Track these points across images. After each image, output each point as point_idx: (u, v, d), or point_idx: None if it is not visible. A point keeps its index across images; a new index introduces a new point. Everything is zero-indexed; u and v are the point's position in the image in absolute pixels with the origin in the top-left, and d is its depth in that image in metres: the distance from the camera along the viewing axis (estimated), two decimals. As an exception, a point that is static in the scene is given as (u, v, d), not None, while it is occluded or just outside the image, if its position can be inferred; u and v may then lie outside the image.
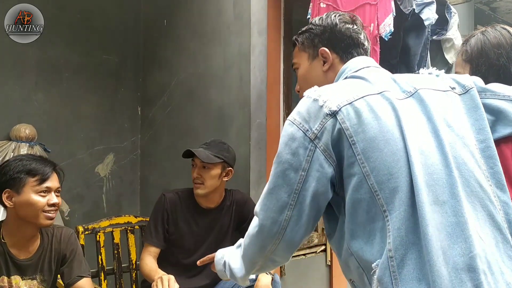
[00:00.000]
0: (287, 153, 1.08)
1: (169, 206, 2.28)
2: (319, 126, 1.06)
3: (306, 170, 1.07)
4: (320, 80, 1.27)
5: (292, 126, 1.09)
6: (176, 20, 3.04)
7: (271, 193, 1.11)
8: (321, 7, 2.45)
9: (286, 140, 1.10)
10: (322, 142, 1.06)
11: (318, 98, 1.09)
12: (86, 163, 3.09)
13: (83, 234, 2.42)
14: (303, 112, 1.10)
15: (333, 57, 1.28)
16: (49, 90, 2.92)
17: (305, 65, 1.32)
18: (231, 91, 2.61)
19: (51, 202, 1.73)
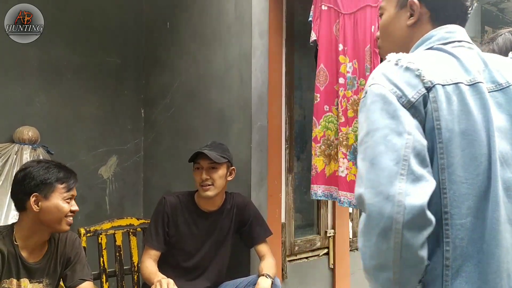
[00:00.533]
0: (384, 117, 0.95)
1: (170, 209, 2.28)
2: (416, 95, 0.96)
3: (411, 134, 0.93)
4: (401, 34, 1.16)
5: (383, 90, 0.97)
6: (177, 21, 3.03)
7: (373, 164, 0.93)
8: (322, 9, 2.43)
9: (380, 104, 0.96)
10: (418, 112, 0.96)
11: (410, 66, 0.99)
12: (89, 165, 3.10)
13: (85, 236, 2.43)
14: (393, 77, 0.98)
15: (423, 12, 1.13)
16: (51, 91, 2.93)
17: (390, 12, 1.18)
18: (231, 93, 2.60)
19: (73, 209, 1.82)
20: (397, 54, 1.03)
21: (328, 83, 2.44)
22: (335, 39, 2.40)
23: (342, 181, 2.37)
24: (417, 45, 1.11)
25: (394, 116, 0.94)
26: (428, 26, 1.12)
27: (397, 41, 1.17)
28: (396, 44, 1.18)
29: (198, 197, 2.33)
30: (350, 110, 2.36)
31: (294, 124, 2.89)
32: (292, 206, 2.86)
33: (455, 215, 0.93)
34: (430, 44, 1.08)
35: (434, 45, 1.07)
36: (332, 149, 2.44)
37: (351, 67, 2.35)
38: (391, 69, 1.00)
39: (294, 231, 2.89)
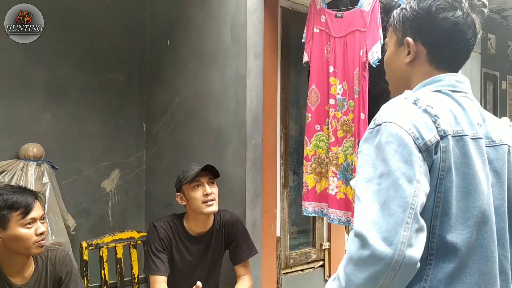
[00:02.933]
0: (398, 160, 0.95)
1: (163, 235, 2.30)
2: (433, 139, 0.98)
3: (420, 182, 0.95)
4: (401, 71, 1.19)
5: (400, 130, 0.98)
6: (178, 40, 3.13)
7: (382, 208, 0.94)
8: (314, 31, 2.52)
9: (394, 145, 0.97)
10: (429, 157, 0.98)
11: (429, 110, 1.00)
12: (92, 179, 3.21)
13: (87, 250, 2.54)
14: (412, 117, 0.99)
15: (420, 51, 1.15)
16: (57, 109, 3.05)
17: (391, 49, 1.22)
18: (228, 112, 2.69)
19: (39, 232, 1.75)
20: (413, 93, 1.05)
21: (320, 103, 2.52)
22: (326, 61, 2.49)
23: (332, 199, 2.45)
24: (424, 84, 1.12)
25: (408, 161, 0.95)
26: (426, 65, 1.14)
27: (398, 76, 1.21)
28: (396, 79, 1.23)
29: (189, 222, 2.35)
30: (340, 131, 2.44)
31: (289, 140, 2.98)
32: (287, 220, 2.95)
33: (439, 259, 0.99)
34: (439, 87, 1.10)
35: (443, 89, 1.10)
36: (323, 167, 2.53)
37: (341, 88, 2.43)
38: (409, 108, 1.01)
39: (289, 244, 2.97)
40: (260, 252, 2.62)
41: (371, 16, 2.28)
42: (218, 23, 2.78)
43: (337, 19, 2.43)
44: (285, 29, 2.90)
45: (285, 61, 2.91)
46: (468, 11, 1.13)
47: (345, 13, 2.40)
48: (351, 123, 2.39)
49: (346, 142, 2.42)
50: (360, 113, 2.33)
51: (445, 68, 1.14)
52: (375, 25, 2.27)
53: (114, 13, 3.32)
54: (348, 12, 2.39)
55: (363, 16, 2.31)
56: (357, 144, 2.34)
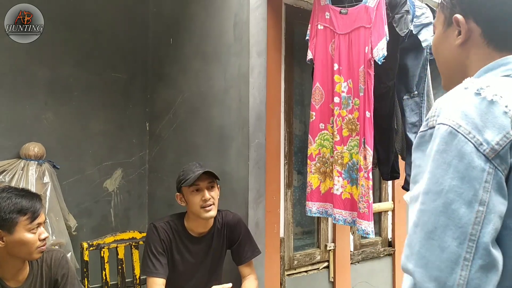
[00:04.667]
0: (451, 177, 0.76)
1: (164, 236, 2.25)
2: (502, 140, 0.76)
3: (485, 204, 0.75)
4: (450, 55, 1.00)
5: (456, 136, 0.77)
6: (181, 39, 3.10)
7: (430, 238, 0.76)
8: (318, 28, 2.47)
9: (448, 156, 0.77)
10: (505, 163, 0.76)
11: (496, 99, 0.79)
12: (94, 179, 3.18)
13: (88, 251, 2.51)
14: (473, 114, 0.78)
15: (472, 29, 0.95)
16: (59, 108, 3.02)
17: (439, 31, 1.04)
18: (231, 111, 2.65)
19: (42, 237, 1.74)
20: (476, 80, 0.85)
21: (324, 101, 2.47)
22: (330, 58, 2.44)
23: (337, 199, 2.40)
24: (487, 69, 0.92)
25: (465, 177, 0.75)
26: (483, 47, 0.95)
27: (449, 63, 1.02)
28: (447, 66, 1.03)
29: (189, 222, 2.30)
30: (345, 129, 2.39)
31: (294, 140, 2.93)
32: (291, 221, 2.90)
33: None
34: (508, 72, 0.90)
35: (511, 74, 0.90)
36: (328, 166, 2.48)
37: (346, 86, 2.38)
38: (470, 101, 0.80)
39: (293, 245, 2.93)
40: (263, 253, 2.57)
41: (376, 12, 2.23)
42: (221, 20, 2.74)
43: (341, 16, 2.38)
44: (289, 27, 2.85)
45: (289, 59, 2.87)
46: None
47: (349, 9, 2.36)
48: (356, 121, 2.34)
49: (351, 141, 2.37)
50: (365, 111, 2.29)
51: (508, 48, 0.93)
52: (380, 21, 2.22)
53: (117, 11, 3.29)
54: (353, 8, 2.34)
55: (368, 12, 2.26)
56: (362, 143, 2.29)
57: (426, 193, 0.79)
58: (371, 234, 2.22)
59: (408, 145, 2.49)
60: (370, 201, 2.24)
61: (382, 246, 3.58)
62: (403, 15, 2.28)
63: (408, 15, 2.28)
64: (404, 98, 2.49)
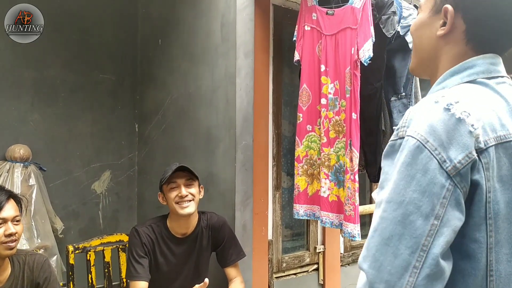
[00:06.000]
0: (413, 189, 0.79)
1: (146, 240, 2.24)
2: (464, 159, 0.79)
3: (440, 218, 0.78)
4: (428, 44, 0.98)
5: (423, 151, 0.80)
6: (169, 39, 3.08)
7: (386, 244, 0.80)
8: (305, 29, 2.45)
9: (413, 169, 0.80)
10: (464, 182, 0.79)
11: (464, 118, 0.80)
12: (82, 181, 3.16)
13: (73, 254, 2.48)
14: (440, 130, 0.80)
15: (458, 25, 0.94)
16: (45, 110, 3.00)
17: (424, 15, 1.00)
18: (218, 112, 2.63)
19: (7, 233, 1.71)
20: (445, 94, 0.84)
21: (311, 103, 2.45)
22: (317, 59, 2.42)
23: (324, 201, 2.38)
24: (453, 72, 0.93)
25: (426, 191, 0.78)
26: (461, 44, 0.94)
27: (425, 50, 1.00)
28: (421, 52, 1.02)
29: (172, 222, 2.30)
30: (332, 131, 2.37)
31: (283, 141, 2.91)
32: (280, 223, 2.88)
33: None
34: (473, 76, 0.91)
35: (477, 78, 0.91)
36: (315, 168, 2.46)
37: (332, 88, 2.36)
38: (439, 116, 0.81)
39: (282, 247, 2.90)
40: (250, 256, 2.55)
41: (362, 13, 2.21)
42: (208, 20, 2.72)
43: (328, 17, 2.36)
44: (277, 27, 2.83)
45: (278, 59, 2.84)
46: None
47: (336, 10, 2.34)
48: (343, 123, 2.32)
49: (338, 142, 2.35)
50: (352, 113, 2.27)
51: (484, 50, 0.94)
52: (367, 22, 2.20)
53: (105, 11, 3.27)
54: (339, 9, 2.32)
55: (354, 13, 2.24)
56: (348, 145, 2.27)
57: (388, 202, 0.82)
58: (357, 237, 2.20)
59: (396, 147, 2.47)
60: (356, 203, 2.22)
61: (373, 248, 3.55)
62: (390, 16, 2.26)
63: (395, 16, 2.26)
64: (391, 99, 2.47)
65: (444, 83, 0.94)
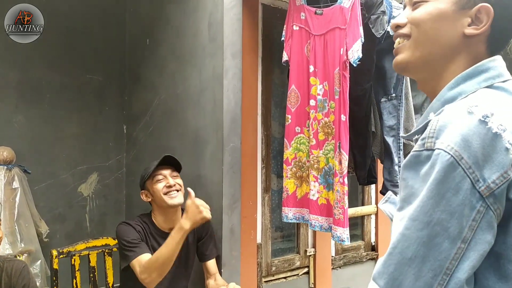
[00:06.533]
0: (442, 210, 0.73)
1: (139, 228, 2.22)
2: (499, 179, 0.73)
3: (467, 242, 0.73)
4: (448, 41, 0.88)
5: (456, 168, 0.73)
6: (157, 39, 3.02)
7: (407, 264, 0.75)
8: (294, 29, 2.41)
9: (443, 188, 0.73)
10: (499, 203, 0.73)
11: (501, 132, 0.73)
12: (68, 183, 3.10)
13: (57, 258, 2.42)
14: (476, 146, 0.73)
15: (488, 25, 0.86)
16: (30, 111, 2.94)
17: (446, 5, 0.88)
18: (206, 114, 2.58)
19: None
20: (477, 101, 0.78)
21: (300, 104, 2.41)
22: (306, 60, 2.38)
23: (313, 204, 2.34)
24: (468, 75, 0.85)
25: (455, 213, 0.73)
26: (483, 46, 0.88)
27: (438, 45, 0.89)
28: (432, 49, 0.90)
29: (157, 218, 2.30)
30: (321, 133, 2.33)
31: (272, 143, 2.86)
32: (269, 226, 2.84)
33: None
34: (490, 81, 0.84)
35: (494, 83, 0.84)
36: (304, 170, 2.42)
37: (321, 89, 2.32)
38: (475, 130, 0.74)
39: (271, 251, 2.86)
40: (238, 260, 2.51)
41: (351, 13, 2.17)
42: (196, 20, 2.67)
43: (316, 16, 2.31)
44: (266, 27, 2.78)
45: (267, 60, 2.80)
46: None
47: (325, 10, 2.29)
48: (332, 125, 2.28)
49: (328, 145, 2.31)
50: (341, 114, 2.22)
51: (493, 52, 0.89)
52: (356, 23, 2.16)
53: (92, 11, 3.21)
54: (328, 8, 2.28)
55: (343, 13, 2.20)
56: (337, 147, 2.23)
57: (413, 220, 0.76)
58: (346, 241, 2.16)
59: (386, 149, 2.43)
60: (346, 207, 2.18)
61: (365, 250, 3.51)
62: (379, 16, 2.22)
63: (385, 16, 2.22)
64: (382, 100, 2.43)
65: (458, 88, 0.85)
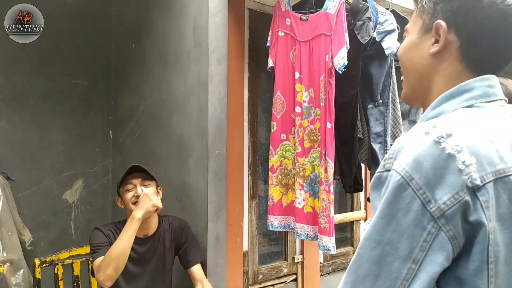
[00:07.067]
0: (393, 230, 0.74)
1: (108, 233, 2.20)
2: (450, 200, 0.72)
3: (419, 263, 0.73)
4: (421, 64, 0.91)
5: (406, 189, 0.74)
6: (143, 44, 2.98)
7: (361, 282, 0.77)
8: (279, 35, 2.38)
9: (394, 208, 0.75)
10: (451, 224, 0.73)
11: (455, 153, 0.73)
12: (53, 190, 3.05)
13: (40, 268, 2.38)
14: (428, 167, 0.73)
15: (451, 40, 0.87)
16: (13, 117, 2.89)
17: (413, 36, 0.94)
18: (191, 120, 2.54)
19: None
20: (438, 122, 0.79)
21: (285, 111, 2.38)
22: (291, 66, 2.35)
23: (299, 212, 2.31)
24: (449, 96, 0.86)
25: (405, 233, 0.73)
26: (456, 62, 0.87)
27: (417, 71, 0.93)
28: (415, 76, 0.94)
29: None
30: (306, 140, 2.30)
31: (259, 149, 2.83)
32: (256, 233, 2.80)
33: None
34: (471, 101, 0.84)
35: (475, 103, 0.83)
36: (290, 178, 2.38)
37: (307, 96, 2.29)
38: (428, 150, 0.74)
39: (258, 258, 2.82)
40: (224, 268, 2.47)
41: (336, 19, 2.14)
42: (181, 25, 2.63)
43: (302, 22, 2.29)
44: (253, 32, 2.75)
45: (254, 65, 2.76)
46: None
47: (310, 16, 2.26)
48: (317, 132, 2.25)
49: (313, 152, 2.28)
50: (326, 122, 2.19)
51: (480, 69, 0.87)
52: (341, 29, 2.13)
53: (77, 15, 3.16)
54: (313, 15, 2.25)
55: (328, 19, 2.17)
56: (323, 155, 2.20)
57: (366, 239, 0.78)
58: (332, 250, 2.13)
59: (373, 156, 2.41)
60: (331, 215, 2.15)
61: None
62: (365, 22, 2.20)
63: (370, 22, 2.20)
64: (368, 107, 2.41)
65: (440, 108, 0.86)
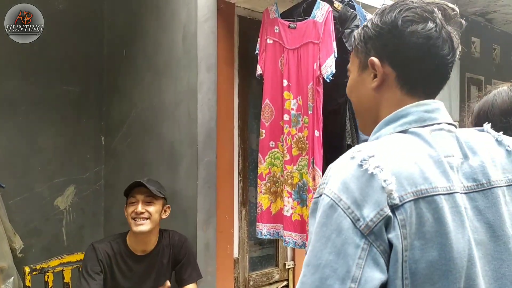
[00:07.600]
0: (329, 251, 0.76)
1: (103, 257, 2.19)
2: (376, 217, 0.76)
3: (357, 281, 0.74)
4: (367, 99, 0.96)
5: (336, 210, 0.77)
6: (134, 51, 2.99)
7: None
8: (267, 43, 2.38)
9: (328, 230, 0.77)
10: (380, 240, 0.76)
11: (377, 173, 0.77)
12: (44, 196, 3.05)
13: (30, 275, 2.38)
14: (353, 188, 0.78)
15: (388, 73, 0.92)
16: (4, 124, 2.88)
17: (354, 74, 0.99)
18: (181, 127, 2.55)
19: None
20: (362, 146, 0.83)
21: (274, 118, 2.38)
22: (280, 74, 2.35)
23: (287, 220, 2.32)
24: (389, 120, 0.91)
25: (341, 253, 0.75)
26: (397, 91, 0.92)
27: (364, 106, 0.99)
28: (362, 110, 1.01)
29: (130, 239, 2.26)
30: (294, 148, 2.30)
31: (249, 155, 2.83)
32: (246, 240, 2.80)
33: None
34: (405, 126, 0.88)
35: (409, 128, 0.88)
36: (278, 186, 2.39)
37: (295, 103, 2.29)
38: (353, 173, 0.79)
39: (248, 265, 2.83)
40: (214, 276, 2.48)
41: (324, 27, 2.15)
42: (171, 32, 2.64)
43: (290, 30, 2.29)
44: (243, 39, 2.75)
45: (244, 72, 2.77)
46: (443, 22, 0.91)
47: (298, 24, 2.27)
48: (305, 140, 2.26)
49: (301, 160, 2.28)
50: (314, 130, 2.20)
51: (419, 93, 0.92)
52: (329, 37, 2.13)
53: (69, 21, 3.15)
54: (302, 23, 2.26)
55: (316, 27, 2.18)
56: (311, 163, 2.21)
57: (307, 265, 0.79)
58: (319, 258, 2.13)
59: (362, 163, 2.41)
60: (319, 224, 2.15)
61: (346, 261, 3.49)
62: (353, 30, 2.20)
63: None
64: (357, 114, 2.41)
65: (378, 133, 0.92)
